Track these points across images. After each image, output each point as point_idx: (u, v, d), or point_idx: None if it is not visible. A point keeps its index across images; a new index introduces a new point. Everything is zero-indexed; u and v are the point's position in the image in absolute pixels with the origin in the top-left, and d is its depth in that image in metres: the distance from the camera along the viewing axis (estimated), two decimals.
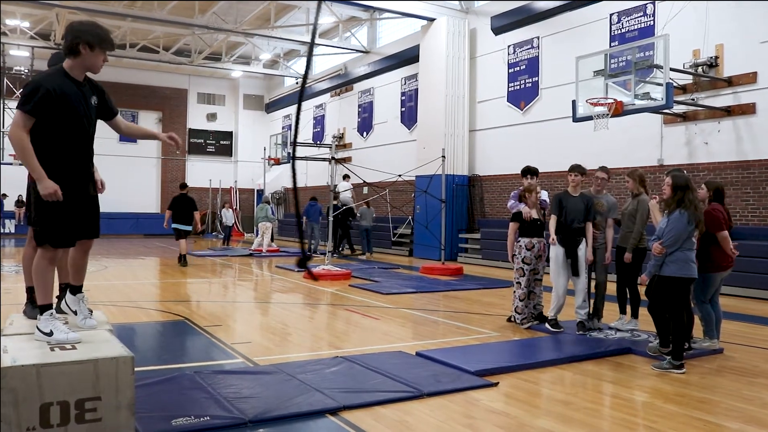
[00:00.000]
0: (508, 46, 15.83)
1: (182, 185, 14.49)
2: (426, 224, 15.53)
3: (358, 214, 17.59)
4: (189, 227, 13.80)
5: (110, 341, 3.64)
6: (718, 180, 8.40)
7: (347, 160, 21.62)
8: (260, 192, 26.04)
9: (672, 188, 5.44)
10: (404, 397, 4.43)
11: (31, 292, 4.24)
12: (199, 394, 4.32)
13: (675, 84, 10.84)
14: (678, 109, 11.35)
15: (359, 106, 22.35)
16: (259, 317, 8.31)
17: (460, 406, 4.34)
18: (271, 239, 18.40)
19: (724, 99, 11.11)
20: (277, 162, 22.08)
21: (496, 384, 4.84)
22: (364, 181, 15.46)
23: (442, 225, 14.28)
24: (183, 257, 13.90)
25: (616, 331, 6.80)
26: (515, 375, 5.14)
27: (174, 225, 13.77)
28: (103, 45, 3.63)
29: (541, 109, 14.87)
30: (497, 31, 16.02)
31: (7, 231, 24.04)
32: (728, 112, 10.99)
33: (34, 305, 4.08)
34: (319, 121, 25.31)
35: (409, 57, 19.00)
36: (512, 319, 7.42)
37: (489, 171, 16.53)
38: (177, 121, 28.41)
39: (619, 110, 10.41)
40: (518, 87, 15.56)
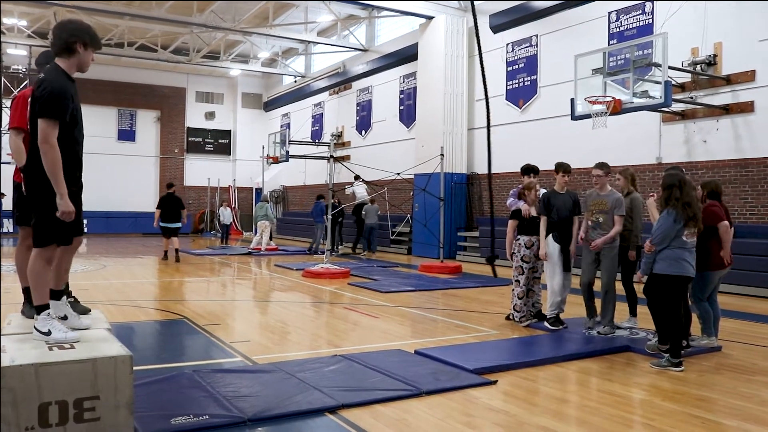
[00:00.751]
0: (507, 45, 15.83)
1: (169, 185, 15.34)
2: (425, 222, 15.54)
3: (363, 211, 17.61)
4: (177, 224, 14.46)
5: (109, 340, 3.64)
6: (716, 179, 8.41)
7: (346, 158, 21.61)
8: (259, 190, 26.02)
9: (662, 188, 5.51)
10: (403, 395, 4.43)
11: (28, 292, 4.23)
12: (198, 393, 4.32)
13: (673, 82, 10.84)
14: (676, 107, 11.36)
15: (358, 104, 22.34)
16: (258, 316, 8.31)
17: (458, 404, 4.34)
18: (270, 238, 18.40)
19: (722, 97, 11.11)
20: (276, 160, 22.06)
21: (494, 382, 4.84)
22: (363, 180, 15.46)
23: (441, 223, 14.28)
24: (168, 254, 14.82)
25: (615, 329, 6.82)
26: (514, 373, 5.15)
27: (162, 224, 14.43)
28: (94, 44, 3.70)
29: (539, 107, 14.87)
30: (496, 29, 16.01)
31: (5, 230, 24.00)
32: (727, 110, 11.00)
33: (31, 305, 4.08)
34: (318, 120, 25.29)
35: (407, 55, 18.99)
36: (511, 317, 7.43)
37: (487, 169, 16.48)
38: (175, 120, 28.38)
39: (617, 108, 10.41)
40: (517, 85, 15.56)
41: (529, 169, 7.63)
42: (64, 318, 3.74)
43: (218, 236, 22.89)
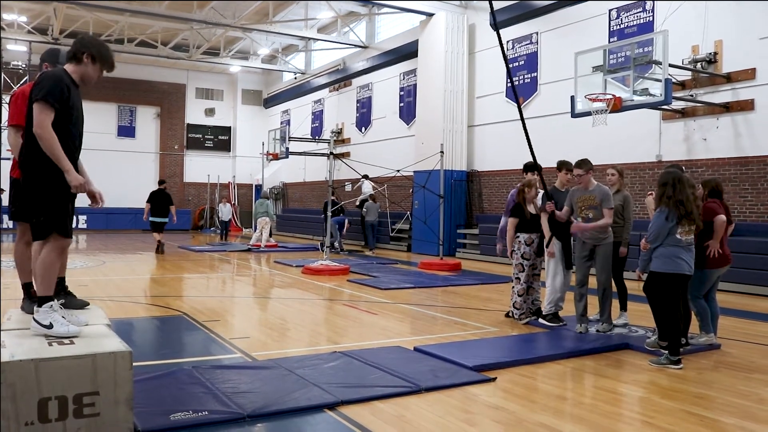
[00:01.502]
0: (507, 42, 15.80)
1: (160, 181, 16.20)
2: (424, 219, 15.55)
3: (364, 209, 17.62)
4: (165, 219, 15.29)
5: (108, 336, 3.65)
6: (716, 177, 8.42)
7: (346, 155, 21.61)
8: (258, 187, 26.01)
9: (657, 185, 5.58)
10: (402, 392, 4.44)
11: (28, 288, 4.23)
12: (197, 389, 4.32)
13: (674, 80, 10.84)
14: (677, 105, 11.36)
15: (358, 101, 22.32)
16: (257, 312, 8.32)
17: (457, 401, 4.35)
18: (270, 234, 18.41)
19: (722, 95, 11.11)
20: (276, 157, 22.05)
21: (493, 379, 4.85)
22: (363, 176, 15.46)
23: (441, 220, 14.28)
24: (160, 244, 15.51)
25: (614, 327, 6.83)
26: (513, 370, 5.16)
27: (151, 218, 15.25)
28: (104, 62, 3.83)
29: (539, 104, 14.86)
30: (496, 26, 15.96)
31: (5, 226, 23.99)
32: (727, 108, 11.00)
33: (31, 300, 4.08)
34: (318, 116, 25.28)
35: (407, 52, 18.97)
36: (510, 314, 7.43)
37: (487, 166, 16.53)
38: (175, 116, 28.36)
39: (617, 106, 10.40)
40: (517, 82, 15.53)
41: (532, 167, 7.64)
42: (49, 326, 3.58)
43: (218, 233, 22.91)
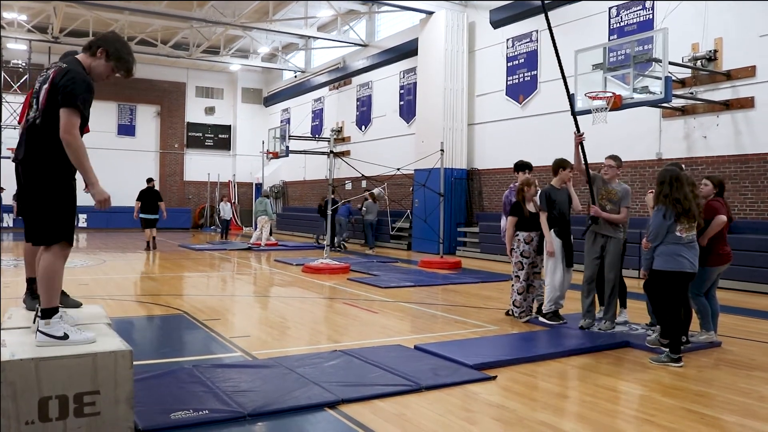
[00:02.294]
0: (507, 40, 15.80)
1: (149, 180, 16.65)
2: (424, 218, 15.55)
3: (364, 207, 17.62)
4: (155, 216, 15.90)
5: (109, 335, 3.65)
6: (716, 174, 8.42)
7: (346, 153, 21.60)
8: (259, 186, 26.00)
9: (656, 184, 5.57)
10: (403, 390, 4.44)
11: (31, 283, 4.21)
12: (197, 388, 4.32)
13: (674, 78, 10.83)
14: (677, 102, 11.35)
15: (358, 99, 22.31)
16: (257, 311, 8.32)
17: (458, 400, 4.35)
18: (270, 233, 18.41)
19: (722, 93, 11.10)
20: (276, 156, 22.06)
21: (494, 377, 4.85)
22: (363, 175, 15.46)
23: (441, 219, 14.28)
24: (148, 243, 16.07)
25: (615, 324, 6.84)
26: (513, 368, 5.16)
27: (141, 215, 15.84)
28: (118, 63, 3.68)
29: (539, 102, 14.85)
30: (496, 24, 15.98)
31: (5, 225, 24.00)
32: (727, 106, 10.99)
33: (33, 296, 4.07)
34: (318, 115, 25.27)
35: (407, 50, 18.96)
36: (510, 312, 7.43)
37: (487, 165, 16.53)
38: (175, 115, 28.35)
39: (617, 104, 10.39)
40: (517, 81, 15.53)
41: (523, 165, 7.63)
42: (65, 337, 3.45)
43: (218, 231, 22.92)
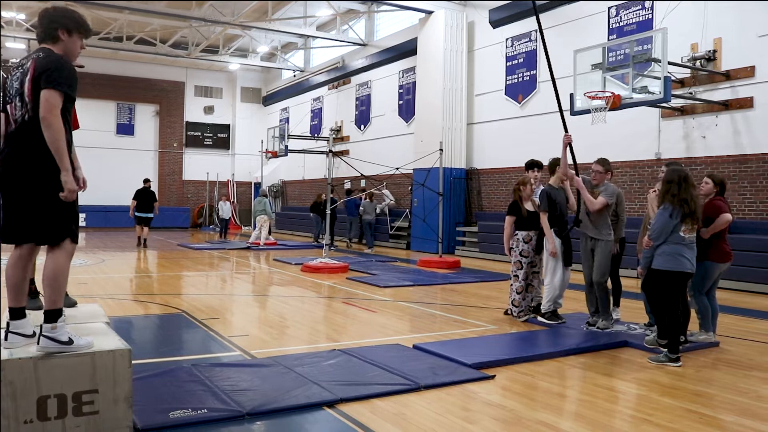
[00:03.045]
0: (506, 39, 15.80)
1: (145, 180, 17.27)
2: (423, 217, 15.54)
3: (361, 207, 17.64)
4: (150, 215, 16.63)
5: (107, 334, 3.65)
6: (716, 174, 8.41)
7: (345, 153, 21.60)
8: (257, 185, 25.99)
9: (662, 182, 5.54)
10: (401, 389, 4.44)
11: (31, 283, 4.20)
12: (196, 387, 4.32)
13: (673, 78, 10.83)
14: (676, 102, 11.36)
15: (357, 98, 22.31)
16: (256, 310, 8.32)
17: (457, 399, 4.35)
18: (269, 232, 18.41)
19: (721, 93, 11.11)
20: (275, 155, 22.05)
21: (493, 377, 4.85)
22: (362, 174, 15.45)
23: (440, 218, 14.28)
24: (140, 240, 16.66)
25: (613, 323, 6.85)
26: (512, 368, 5.16)
27: (137, 213, 16.52)
28: (81, 30, 3.50)
29: (538, 102, 14.85)
30: (495, 24, 15.98)
31: None
32: (726, 106, 11.00)
33: (32, 296, 4.07)
34: (317, 114, 25.26)
35: (407, 50, 18.95)
36: (509, 312, 7.43)
37: (486, 164, 16.53)
38: (174, 114, 28.33)
39: (616, 104, 10.40)
40: (516, 80, 15.54)
41: (533, 164, 7.63)
42: (33, 335, 3.32)
43: (217, 230, 22.92)
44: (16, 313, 3.28)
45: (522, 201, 7.27)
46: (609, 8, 13.18)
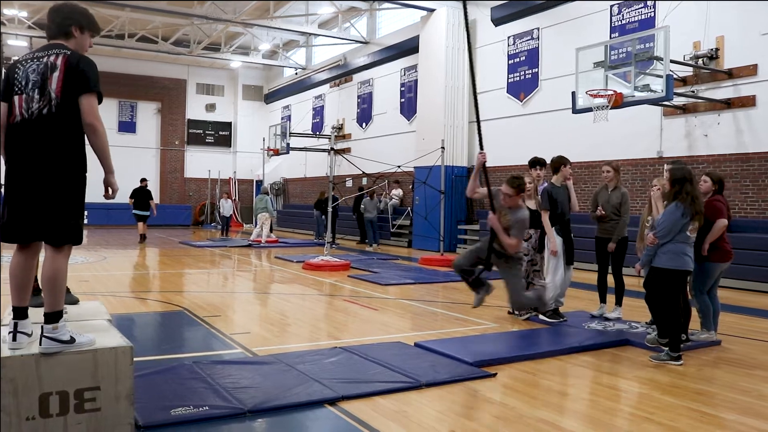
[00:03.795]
0: (508, 37, 15.78)
1: (142, 179, 18.27)
2: (425, 215, 15.54)
3: (362, 205, 17.65)
4: (146, 212, 17.43)
5: (109, 331, 3.65)
6: (717, 172, 8.40)
7: (346, 150, 21.60)
8: (259, 183, 26.00)
9: (670, 181, 5.46)
10: (403, 387, 4.44)
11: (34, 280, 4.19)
12: (198, 384, 4.33)
13: (675, 76, 10.82)
14: (678, 101, 11.34)
15: (359, 96, 22.29)
16: (258, 308, 8.33)
17: (458, 397, 4.35)
18: (270, 230, 18.43)
19: (724, 91, 11.08)
20: (276, 153, 22.05)
21: (494, 375, 4.85)
22: (363, 172, 15.45)
23: (441, 216, 14.28)
24: (142, 236, 17.55)
25: (614, 322, 6.85)
26: (514, 366, 5.16)
27: (134, 211, 17.45)
28: (92, 28, 3.55)
29: (540, 100, 14.83)
30: (497, 22, 15.96)
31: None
32: (728, 104, 10.98)
33: (34, 293, 4.07)
34: (319, 112, 25.25)
35: (408, 48, 18.93)
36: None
37: (489, 162, 16.33)
38: (176, 112, 28.34)
39: (618, 102, 10.39)
40: (518, 78, 15.52)
41: (536, 162, 7.65)
42: (31, 335, 3.30)
43: (218, 228, 22.91)
44: (21, 313, 3.27)
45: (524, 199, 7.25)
46: (611, 6, 13.16)
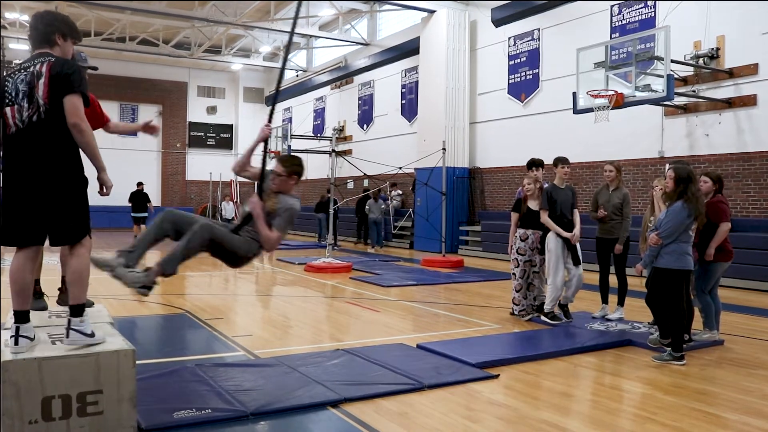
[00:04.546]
0: (509, 38, 15.78)
1: (138, 183, 18.48)
2: (426, 217, 15.53)
3: (366, 206, 17.66)
4: (145, 214, 17.74)
5: (111, 334, 3.65)
6: (717, 171, 8.40)
7: (348, 152, 21.60)
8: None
9: (674, 181, 5.41)
10: (405, 389, 4.44)
11: (36, 284, 4.20)
12: (200, 387, 4.33)
13: (676, 76, 10.81)
14: (679, 100, 11.33)
15: (359, 98, 22.31)
16: (260, 310, 8.33)
17: (460, 399, 4.35)
18: None
19: (725, 91, 11.08)
20: (278, 155, 22.03)
21: (496, 376, 4.85)
22: (365, 174, 15.45)
23: (443, 217, 14.28)
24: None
25: (617, 322, 6.84)
26: (516, 367, 5.15)
27: (132, 214, 17.80)
28: (74, 35, 3.58)
29: (541, 101, 14.83)
30: (498, 23, 15.96)
31: None
32: (729, 103, 10.97)
33: (36, 297, 4.07)
34: (320, 114, 25.27)
35: (409, 49, 18.94)
36: (512, 311, 7.42)
37: (489, 163, 16.51)
38: (177, 114, 28.37)
39: (619, 102, 10.38)
40: (519, 79, 15.52)
41: (533, 164, 7.63)
42: (32, 338, 3.34)
43: None
44: (22, 317, 3.29)
45: (526, 199, 7.26)
46: (612, 6, 13.16)
